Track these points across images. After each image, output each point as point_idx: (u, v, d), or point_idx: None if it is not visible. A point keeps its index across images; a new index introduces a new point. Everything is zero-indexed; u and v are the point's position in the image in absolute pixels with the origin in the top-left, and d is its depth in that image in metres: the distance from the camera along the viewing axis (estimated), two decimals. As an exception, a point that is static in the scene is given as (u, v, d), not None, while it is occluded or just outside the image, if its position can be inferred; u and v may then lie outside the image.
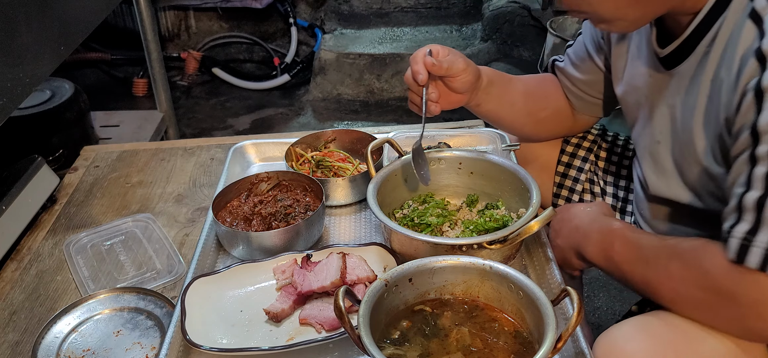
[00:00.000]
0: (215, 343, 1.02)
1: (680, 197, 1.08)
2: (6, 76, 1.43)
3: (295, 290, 1.11)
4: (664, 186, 1.11)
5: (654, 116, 1.11)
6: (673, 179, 1.08)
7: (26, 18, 1.52)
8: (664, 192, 1.11)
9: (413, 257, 1.01)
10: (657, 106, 1.09)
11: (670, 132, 1.07)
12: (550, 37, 3.06)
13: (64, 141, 2.32)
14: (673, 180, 1.08)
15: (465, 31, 4.12)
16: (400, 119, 3.59)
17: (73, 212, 1.53)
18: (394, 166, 1.27)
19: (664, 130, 1.09)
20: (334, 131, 1.55)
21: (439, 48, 1.24)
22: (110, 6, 2.19)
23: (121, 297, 1.22)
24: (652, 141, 1.12)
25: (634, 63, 1.15)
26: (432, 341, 0.90)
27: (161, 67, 2.85)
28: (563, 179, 1.42)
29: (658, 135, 1.10)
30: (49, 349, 1.12)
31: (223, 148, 1.75)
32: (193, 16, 4.10)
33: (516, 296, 0.93)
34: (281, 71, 3.94)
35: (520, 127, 1.40)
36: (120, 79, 3.94)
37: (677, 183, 1.08)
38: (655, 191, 1.13)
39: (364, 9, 4.43)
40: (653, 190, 1.14)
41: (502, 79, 1.34)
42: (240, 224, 1.27)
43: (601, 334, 0.99)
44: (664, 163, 1.09)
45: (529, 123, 1.39)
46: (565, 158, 1.42)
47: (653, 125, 1.11)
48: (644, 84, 1.12)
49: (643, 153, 1.16)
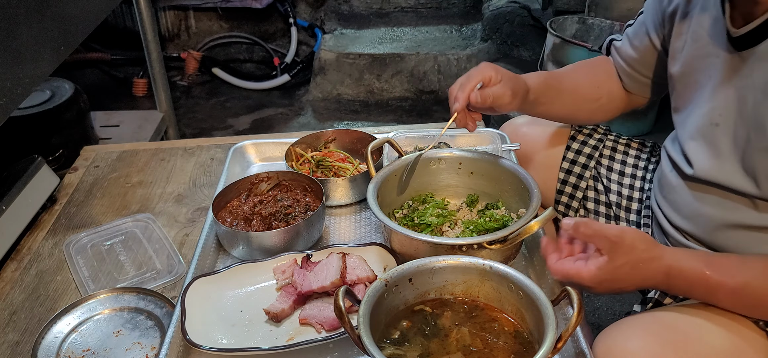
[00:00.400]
0: (215, 343, 1.02)
1: (733, 182, 1.04)
2: (6, 76, 1.43)
3: (295, 290, 1.11)
4: (716, 170, 1.07)
5: (716, 98, 1.06)
6: (729, 162, 1.04)
7: (26, 18, 1.52)
8: (715, 176, 1.07)
9: (413, 257, 1.01)
10: (722, 88, 1.05)
11: (736, 115, 1.03)
12: (550, 37, 3.06)
13: (64, 141, 2.32)
14: (729, 164, 1.04)
15: (465, 31, 4.12)
16: (400, 119, 3.59)
17: (73, 212, 1.53)
18: (394, 167, 1.28)
19: (726, 113, 1.04)
20: (334, 131, 1.55)
21: (491, 74, 1.20)
22: (110, 6, 2.19)
23: (121, 297, 1.22)
24: (707, 123, 1.08)
25: (696, 43, 1.11)
26: (432, 341, 0.90)
27: (161, 67, 2.85)
28: (567, 176, 1.42)
29: (718, 118, 1.06)
30: (49, 349, 1.12)
31: (223, 148, 1.76)
32: (193, 16, 4.10)
33: (516, 296, 0.93)
34: (281, 71, 3.95)
35: (570, 119, 1.43)
36: (120, 79, 3.94)
37: (734, 168, 1.03)
38: (702, 173, 1.09)
39: (364, 9, 4.44)
40: (701, 173, 1.09)
41: (550, 89, 1.33)
42: (240, 224, 1.27)
43: (601, 333, 0.99)
44: (721, 146, 1.05)
45: (581, 113, 1.40)
46: (570, 155, 1.42)
47: (713, 107, 1.07)
48: (708, 65, 1.08)
49: (693, 134, 1.12)
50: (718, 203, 1.08)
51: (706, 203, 1.10)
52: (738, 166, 1.03)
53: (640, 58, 1.31)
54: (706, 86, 1.09)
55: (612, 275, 0.96)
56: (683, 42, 1.15)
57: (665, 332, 0.95)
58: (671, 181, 1.19)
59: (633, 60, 1.33)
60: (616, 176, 1.40)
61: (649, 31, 1.27)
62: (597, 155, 1.41)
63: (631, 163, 1.40)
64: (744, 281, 0.96)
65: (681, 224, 1.16)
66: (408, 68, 3.76)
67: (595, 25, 3.21)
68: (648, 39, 1.28)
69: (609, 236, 0.95)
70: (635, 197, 1.37)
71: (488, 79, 1.19)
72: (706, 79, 1.09)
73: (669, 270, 0.97)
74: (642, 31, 1.29)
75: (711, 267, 0.97)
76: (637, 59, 1.32)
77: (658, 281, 0.99)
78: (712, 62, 1.07)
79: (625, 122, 3.02)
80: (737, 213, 1.05)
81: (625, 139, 1.43)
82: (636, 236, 0.97)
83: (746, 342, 0.97)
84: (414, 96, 3.81)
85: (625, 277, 0.97)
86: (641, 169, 1.39)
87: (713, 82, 1.07)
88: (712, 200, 1.09)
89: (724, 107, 1.04)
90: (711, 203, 1.09)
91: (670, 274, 0.97)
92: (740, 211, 1.05)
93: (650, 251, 0.97)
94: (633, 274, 0.97)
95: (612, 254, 0.95)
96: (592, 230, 0.96)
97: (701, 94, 1.10)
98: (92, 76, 3.95)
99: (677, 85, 1.18)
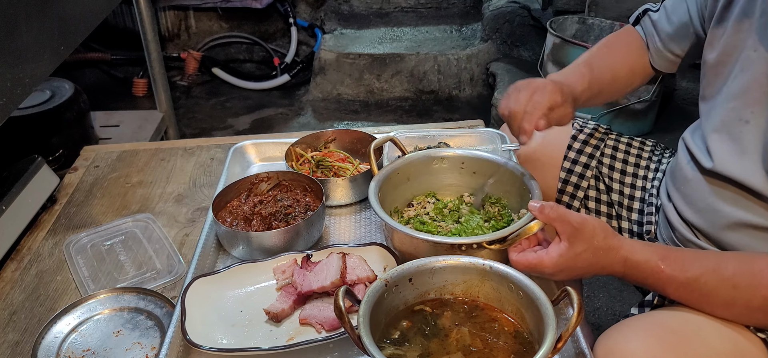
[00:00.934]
0: (215, 343, 1.02)
1: (751, 181, 1.03)
2: (6, 76, 1.43)
3: (295, 290, 1.11)
4: (736, 166, 1.05)
5: (750, 94, 1.03)
6: (752, 161, 1.02)
7: (26, 18, 1.52)
8: (734, 172, 1.05)
9: (413, 256, 1.01)
10: (757, 86, 1.02)
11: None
12: (550, 37, 3.06)
13: (64, 141, 2.33)
14: (753, 163, 1.02)
15: (465, 31, 4.12)
16: (400, 119, 3.59)
17: (73, 212, 1.53)
18: (395, 165, 1.27)
19: (759, 111, 1.02)
20: (334, 131, 1.55)
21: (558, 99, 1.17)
22: (110, 6, 2.19)
23: (121, 297, 1.22)
24: (735, 118, 1.05)
25: (738, 34, 1.08)
26: (432, 341, 0.90)
27: (161, 67, 2.86)
28: (568, 176, 1.42)
29: (749, 115, 1.03)
30: (49, 349, 1.12)
31: (223, 148, 1.75)
32: (193, 16, 4.10)
33: (516, 296, 0.93)
34: (281, 71, 3.95)
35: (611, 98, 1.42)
36: (120, 79, 3.94)
37: (755, 167, 1.02)
38: (722, 168, 1.07)
39: (364, 9, 4.44)
40: (721, 167, 1.07)
41: (593, 93, 1.30)
42: (240, 224, 1.27)
43: (601, 335, 0.99)
44: (747, 143, 1.03)
45: (614, 97, 1.40)
46: (572, 155, 1.42)
47: (745, 103, 1.04)
48: (746, 58, 1.05)
49: (717, 127, 1.09)
50: (734, 200, 1.07)
51: (721, 199, 1.09)
52: (759, 166, 1.02)
53: (675, 34, 1.28)
54: (739, 79, 1.06)
55: (573, 262, 0.99)
56: (724, 30, 1.11)
57: (666, 334, 0.95)
58: (687, 173, 1.17)
59: (667, 36, 1.29)
60: (618, 176, 1.40)
61: (690, 11, 1.23)
62: (598, 155, 1.41)
63: (633, 162, 1.40)
64: (694, 276, 0.96)
65: (692, 218, 1.15)
66: (408, 68, 3.76)
67: (595, 25, 3.21)
68: (688, 16, 1.24)
69: (571, 222, 0.97)
70: (637, 196, 1.37)
71: (556, 104, 1.16)
72: (740, 73, 1.06)
73: (625, 261, 0.99)
74: (682, 9, 1.25)
75: (665, 261, 0.98)
76: (670, 35, 1.28)
77: (616, 270, 1.01)
78: (750, 57, 1.04)
79: (626, 122, 3.02)
80: (753, 213, 1.04)
81: (626, 139, 1.43)
82: (597, 224, 0.99)
83: (747, 344, 0.97)
84: (414, 96, 3.81)
85: (585, 264, 0.99)
86: (643, 169, 1.39)
87: (748, 77, 1.04)
88: (728, 196, 1.08)
89: (760, 105, 1.02)
90: (727, 199, 1.08)
91: (626, 264, 1.00)
92: (756, 211, 1.04)
93: (608, 241, 0.99)
94: (593, 261, 0.99)
95: (572, 240, 0.97)
96: (556, 214, 0.98)
97: (732, 86, 1.08)
98: (92, 76, 3.95)
99: (709, 73, 1.15)
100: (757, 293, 0.92)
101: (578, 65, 1.33)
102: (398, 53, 3.76)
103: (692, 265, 0.97)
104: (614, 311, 2.10)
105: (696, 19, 1.23)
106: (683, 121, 1.60)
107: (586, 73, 1.30)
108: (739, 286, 0.94)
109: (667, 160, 1.38)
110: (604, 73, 1.33)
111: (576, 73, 1.30)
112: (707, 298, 0.97)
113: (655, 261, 0.98)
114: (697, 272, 0.96)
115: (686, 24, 1.25)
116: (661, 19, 1.31)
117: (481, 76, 3.78)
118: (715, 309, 0.97)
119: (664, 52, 1.32)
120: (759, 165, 1.02)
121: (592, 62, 1.34)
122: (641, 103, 2.97)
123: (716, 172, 1.09)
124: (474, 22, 4.17)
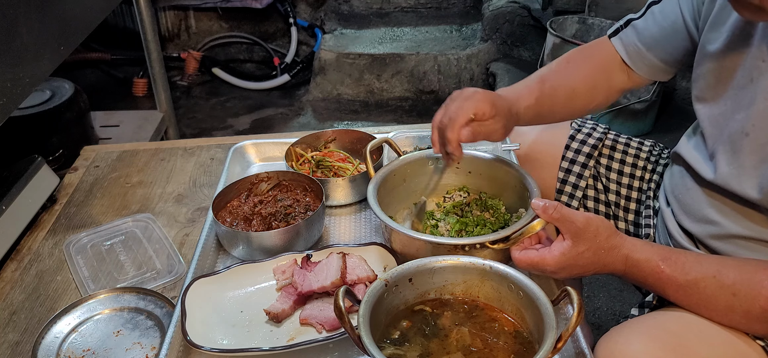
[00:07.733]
0: (215, 343, 1.02)
1: (748, 194, 1.01)
2: (6, 76, 1.43)
3: (296, 291, 1.11)
4: (734, 179, 1.03)
5: (754, 106, 1.00)
6: (748, 176, 1.01)
7: (26, 18, 1.52)
8: (732, 185, 1.04)
9: (414, 256, 1.01)
10: (763, 97, 0.99)
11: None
12: (550, 37, 3.06)
13: (64, 141, 2.32)
14: (747, 178, 1.01)
15: (465, 31, 4.12)
16: (400, 119, 3.59)
17: (73, 212, 1.53)
18: (393, 166, 1.27)
19: (760, 125, 0.99)
20: (334, 131, 1.55)
21: (485, 109, 1.11)
22: (110, 6, 2.19)
23: (121, 297, 1.22)
24: (738, 131, 1.03)
25: (738, 43, 1.04)
26: (432, 341, 0.90)
27: (161, 67, 2.85)
28: (567, 175, 1.42)
29: (749, 128, 1.00)
30: (49, 349, 1.12)
31: (223, 148, 1.75)
32: (193, 16, 4.10)
33: (516, 296, 0.93)
34: (281, 71, 3.95)
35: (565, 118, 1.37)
36: (120, 79, 3.94)
37: (752, 183, 1.00)
38: (721, 180, 1.06)
39: (364, 9, 4.44)
40: (719, 179, 1.06)
41: (544, 111, 1.26)
42: (240, 224, 1.27)
43: (602, 336, 0.99)
44: (745, 158, 1.01)
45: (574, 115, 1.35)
46: (570, 154, 1.42)
47: (748, 115, 1.01)
48: (752, 67, 1.02)
49: (721, 137, 1.07)
50: (732, 212, 1.06)
51: (719, 212, 1.08)
52: (755, 181, 1.00)
53: (662, 36, 1.22)
54: (746, 89, 1.02)
55: (575, 261, 0.99)
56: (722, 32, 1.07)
57: (667, 336, 0.95)
58: (685, 182, 1.16)
59: (652, 39, 1.24)
60: (615, 176, 1.40)
61: (682, 7, 1.19)
62: (596, 154, 1.41)
63: (631, 163, 1.39)
64: (694, 280, 0.96)
65: (690, 227, 1.14)
66: (408, 68, 3.76)
67: (595, 25, 3.21)
68: (681, 17, 1.19)
69: (575, 221, 0.98)
70: (634, 196, 1.37)
71: (481, 113, 1.11)
72: (748, 82, 1.02)
73: (626, 259, 1.00)
74: (674, 9, 1.20)
75: (666, 261, 0.98)
76: (656, 38, 1.23)
77: (617, 268, 1.01)
78: (756, 65, 1.01)
79: (625, 122, 3.02)
80: (751, 226, 1.04)
81: (624, 138, 1.43)
82: (601, 223, 1.00)
83: (748, 349, 0.97)
84: (414, 96, 3.81)
85: (587, 262, 1.00)
86: (640, 169, 1.39)
87: (756, 87, 1.00)
88: (726, 209, 1.07)
89: (759, 118, 1.00)
90: (725, 212, 1.07)
91: (627, 262, 1.00)
92: (755, 225, 1.03)
93: (611, 240, 1.00)
94: (595, 259, 1.00)
95: (576, 239, 0.98)
96: (560, 214, 0.98)
97: (738, 95, 1.04)
98: (92, 76, 3.96)
99: (708, 75, 1.10)
100: (756, 303, 0.92)
101: (530, 80, 1.29)
102: (398, 53, 3.76)
103: (693, 268, 0.97)
104: (614, 311, 2.10)
105: (689, 19, 1.18)
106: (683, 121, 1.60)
107: (535, 89, 1.25)
108: (738, 294, 0.93)
109: (665, 160, 1.37)
110: (558, 89, 1.28)
111: (525, 88, 1.26)
112: (706, 302, 0.96)
113: (656, 261, 0.98)
114: (697, 276, 0.96)
115: (678, 24, 1.20)
116: (647, 22, 1.25)
117: (481, 76, 3.78)
118: (713, 314, 0.97)
119: (648, 56, 1.26)
120: (754, 180, 1.01)
121: (546, 78, 1.29)
122: (641, 103, 2.97)
123: (715, 184, 1.08)
124: (474, 22, 4.17)
